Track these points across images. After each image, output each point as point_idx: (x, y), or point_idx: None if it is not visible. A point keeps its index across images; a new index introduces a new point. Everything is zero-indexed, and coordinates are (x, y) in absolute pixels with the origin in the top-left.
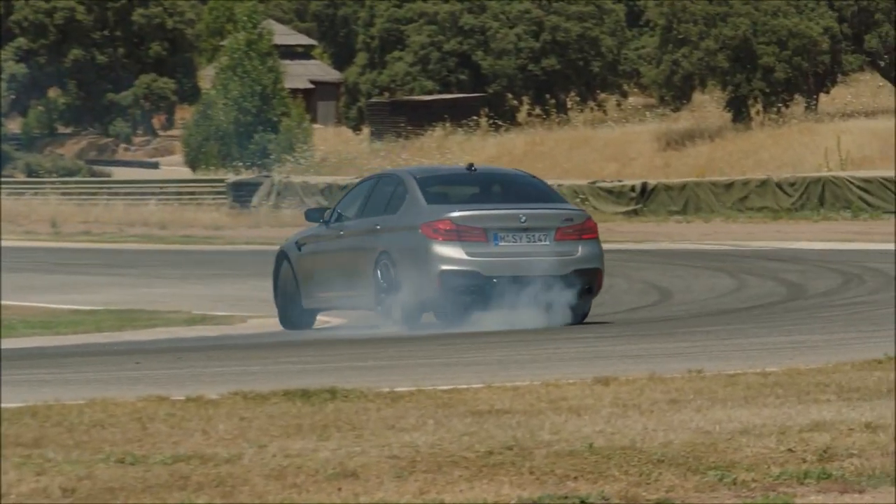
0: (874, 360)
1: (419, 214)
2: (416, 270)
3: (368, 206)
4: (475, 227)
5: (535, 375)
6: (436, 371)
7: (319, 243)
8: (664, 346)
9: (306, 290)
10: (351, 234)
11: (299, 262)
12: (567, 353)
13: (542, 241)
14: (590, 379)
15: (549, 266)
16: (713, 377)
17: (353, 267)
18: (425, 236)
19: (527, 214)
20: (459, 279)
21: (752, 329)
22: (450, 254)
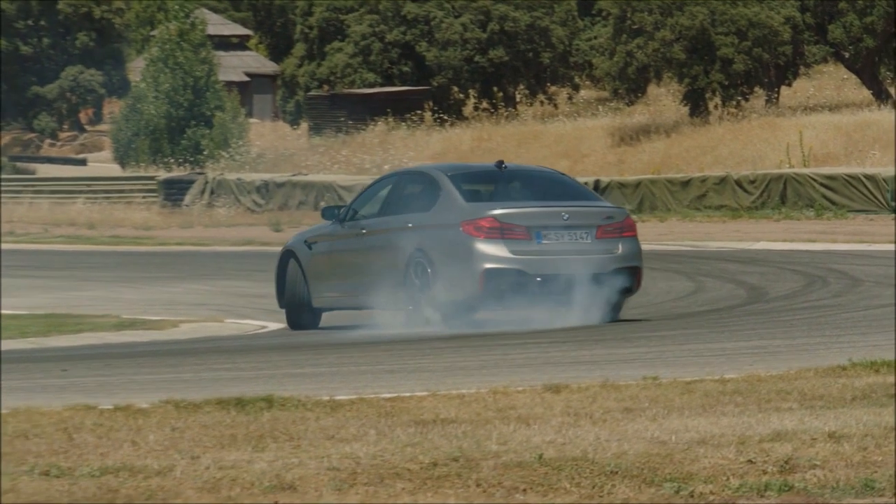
0: (838, 366)
1: (458, 212)
2: (457, 269)
3: (392, 204)
4: (518, 224)
5: (483, 382)
6: (378, 378)
7: (336, 242)
8: (618, 351)
9: (318, 290)
10: (376, 233)
11: (310, 262)
12: (516, 358)
13: (584, 239)
14: (540, 386)
15: (591, 264)
16: (669, 384)
17: (379, 265)
18: (467, 234)
19: (569, 212)
20: (503, 277)
21: (711, 334)
22: (493, 252)
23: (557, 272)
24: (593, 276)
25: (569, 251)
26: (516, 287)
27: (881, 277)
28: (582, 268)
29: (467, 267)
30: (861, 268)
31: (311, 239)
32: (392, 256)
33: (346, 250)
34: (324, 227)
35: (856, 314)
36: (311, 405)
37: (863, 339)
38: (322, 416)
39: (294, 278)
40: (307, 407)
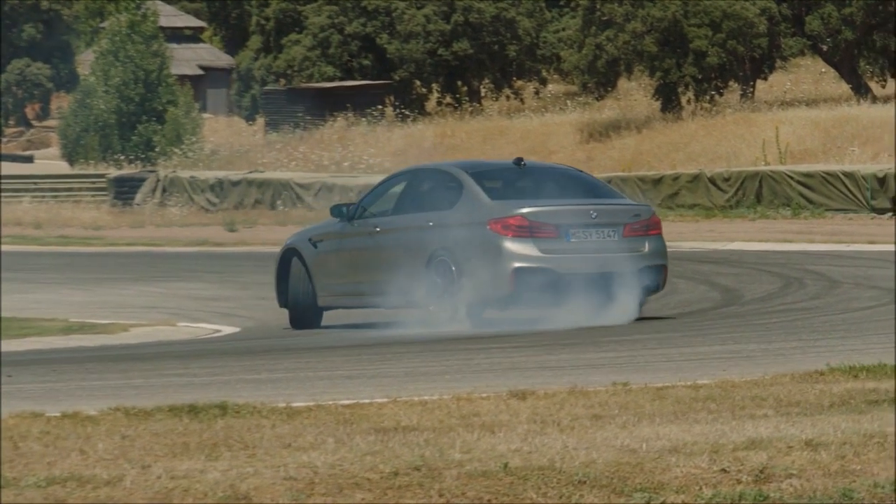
0: (816, 371)
1: (484, 210)
2: (485, 268)
3: (408, 201)
4: (547, 222)
5: (446, 388)
6: (336, 384)
7: (345, 240)
8: (586, 356)
9: (324, 289)
10: (391, 231)
11: (316, 260)
12: (480, 364)
13: (611, 237)
14: (505, 392)
15: (621, 262)
16: (640, 390)
17: (395, 264)
18: (495, 233)
19: (597, 210)
20: (533, 276)
21: (683, 338)
22: (522, 251)
23: (586, 271)
24: (621, 274)
25: (597, 249)
26: (546, 286)
27: (860, 279)
28: (610, 266)
29: (496, 266)
30: (839, 269)
31: (316, 237)
32: (410, 255)
33: (357, 249)
34: (329, 225)
35: (834, 317)
36: (267, 412)
37: (841, 343)
38: (278, 424)
39: (298, 277)
40: (263, 414)
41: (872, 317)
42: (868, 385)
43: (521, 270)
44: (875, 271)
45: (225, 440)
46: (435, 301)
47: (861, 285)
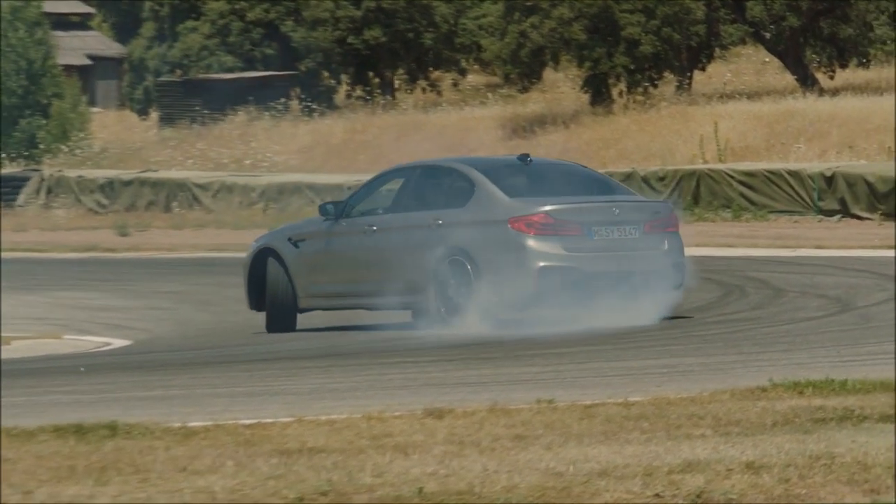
0: (758, 387)
1: (502, 208)
2: (507, 267)
3: (409, 199)
4: (571, 220)
5: (355, 407)
6: (236, 402)
7: (334, 240)
8: (508, 371)
9: (308, 290)
10: (391, 230)
11: (298, 261)
12: (393, 379)
13: (632, 235)
14: (420, 410)
15: (644, 260)
16: (567, 408)
17: (397, 264)
18: (518, 231)
19: (619, 206)
20: (558, 276)
21: (614, 351)
22: (547, 249)
23: (611, 269)
24: (644, 272)
25: (620, 247)
26: (571, 286)
27: (806, 287)
28: (634, 265)
29: (519, 265)
30: (784, 276)
31: (297, 236)
32: (416, 255)
33: (350, 248)
34: (312, 224)
35: (778, 329)
36: (161, 433)
37: (785, 356)
38: (173, 446)
39: (276, 278)
40: (156, 435)
41: (819, 328)
42: (814, 402)
43: (546, 270)
44: (823, 279)
45: (115, 463)
46: (446, 303)
47: (807, 294)
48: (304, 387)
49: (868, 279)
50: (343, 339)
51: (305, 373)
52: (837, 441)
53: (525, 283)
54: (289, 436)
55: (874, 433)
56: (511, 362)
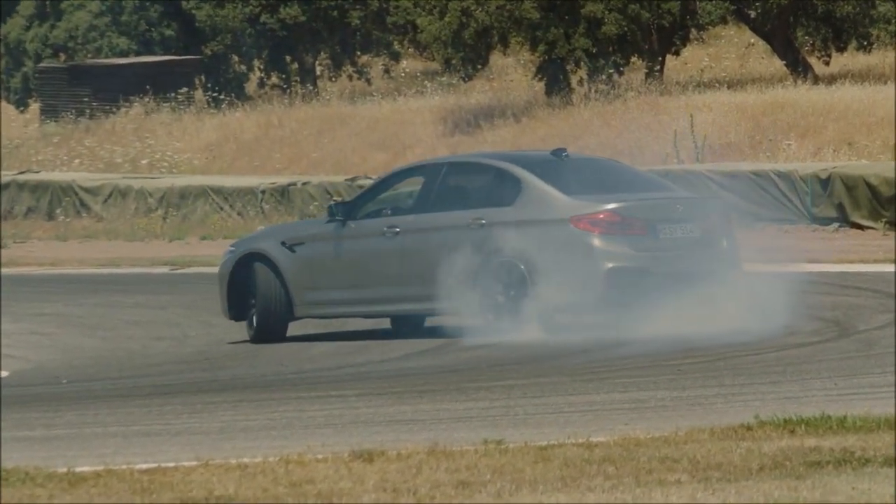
0: (742, 425)
1: (558, 206)
2: (571, 269)
3: (436, 199)
4: (637, 217)
5: (271, 448)
6: (131, 442)
7: (344, 243)
8: (450, 406)
9: (308, 297)
10: (418, 232)
11: (295, 266)
12: (315, 416)
13: (694, 234)
14: (346, 453)
15: (707, 261)
16: (518, 450)
17: (430, 268)
18: (582, 230)
19: (682, 203)
20: (628, 277)
21: (573, 383)
22: (615, 249)
23: (677, 270)
24: (709, 274)
25: (683, 247)
26: (640, 288)
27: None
28: (697, 266)
29: (585, 267)
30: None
31: (293, 240)
32: (452, 258)
33: (364, 252)
34: (311, 226)
35: (765, 356)
36: (43, 479)
37: (773, 389)
38: (57, 494)
39: (268, 285)
40: (37, 482)
41: (814, 355)
42: (808, 442)
43: (614, 271)
44: (817, 298)
45: None
46: (495, 309)
47: (800, 316)
48: (212, 425)
49: (870, 298)
50: (266, 368)
51: (213, 408)
52: (835, 488)
53: (592, 286)
54: (193, 482)
55: (877, 479)
56: (453, 396)
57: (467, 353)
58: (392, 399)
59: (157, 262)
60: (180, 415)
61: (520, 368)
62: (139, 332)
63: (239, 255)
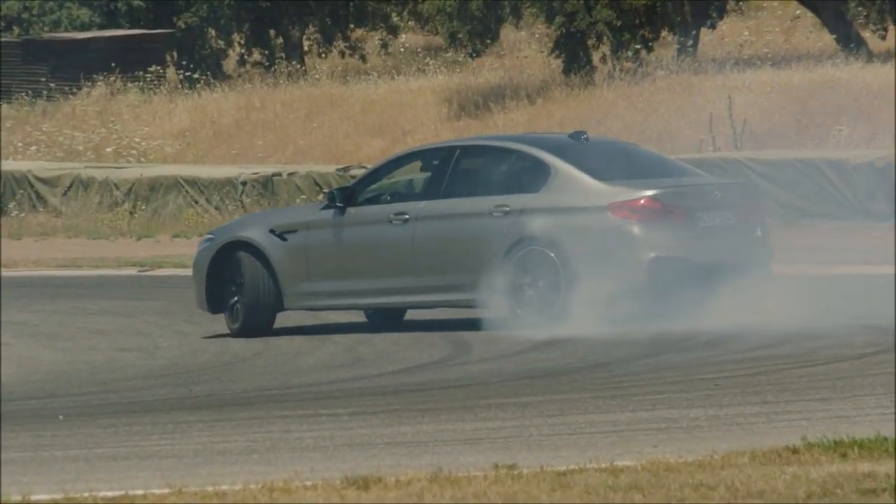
0: (787, 448)
1: (595, 192)
2: (608, 259)
3: (449, 184)
4: (678, 204)
5: (253, 474)
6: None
7: (344, 230)
8: (455, 426)
9: (297, 288)
10: (431, 219)
11: (287, 255)
12: (303, 437)
13: (731, 221)
14: (339, 479)
15: (747, 250)
16: (533, 476)
17: (446, 257)
18: (622, 218)
19: (719, 189)
20: (671, 267)
21: (594, 400)
22: (658, 237)
23: (717, 260)
24: (748, 263)
25: (722, 235)
26: (683, 278)
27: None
28: (735, 254)
29: (626, 256)
30: None
31: (283, 227)
32: (472, 246)
33: (368, 240)
34: (302, 213)
35: (813, 370)
36: None
37: (822, 407)
38: None
39: (255, 275)
40: None
41: (868, 368)
42: (861, 468)
43: (657, 260)
44: (874, 303)
45: None
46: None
47: (851, 325)
48: (186, 447)
49: None
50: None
51: (186, 428)
52: None
53: (633, 276)
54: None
55: None
56: (459, 415)
57: (474, 367)
58: (390, 418)
59: (123, 262)
60: (150, 436)
61: (534, 383)
62: (103, 343)
63: (220, 244)
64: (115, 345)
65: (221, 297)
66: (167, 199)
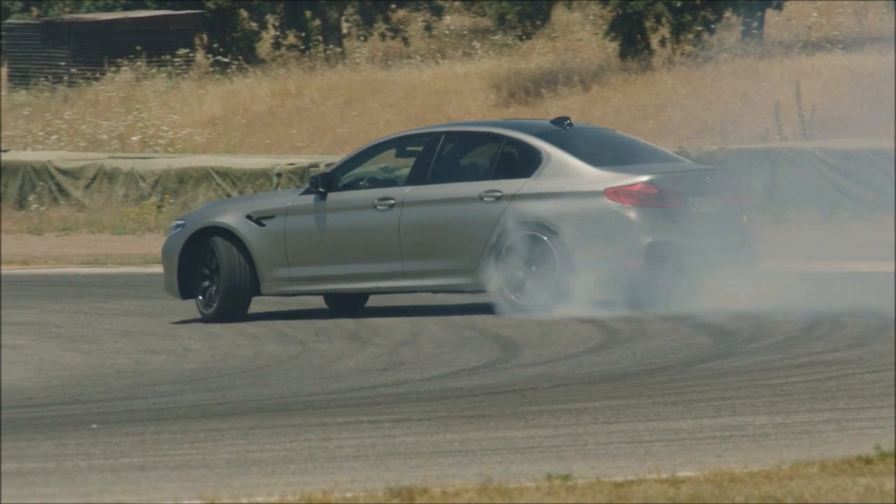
0: (859, 457)
1: (589, 178)
2: (604, 244)
3: (436, 170)
4: (672, 189)
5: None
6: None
7: (327, 216)
8: (506, 434)
9: (275, 273)
10: (417, 204)
11: (264, 240)
12: (342, 446)
13: (720, 207)
14: (381, 491)
15: (737, 235)
16: (589, 487)
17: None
18: (618, 203)
19: (709, 175)
20: (667, 252)
21: (654, 406)
22: (653, 223)
23: (709, 245)
24: (738, 248)
25: (712, 220)
26: (679, 263)
27: None
28: (724, 240)
29: (621, 241)
30: None
31: (260, 213)
32: (464, 231)
33: (351, 226)
34: (280, 198)
35: (886, 374)
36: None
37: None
38: None
39: (232, 261)
40: None
41: None
42: None
43: (654, 246)
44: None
45: None
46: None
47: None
48: (218, 456)
49: None
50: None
51: (219, 437)
52: None
53: (629, 262)
54: None
55: None
56: (509, 422)
57: (525, 371)
58: (435, 426)
59: (150, 260)
60: (180, 444)
61: (589, 388)
62: (130, 345)
63: (193, 230)
64: (142, 347)
65: (192, 284)
66: (197, 192)
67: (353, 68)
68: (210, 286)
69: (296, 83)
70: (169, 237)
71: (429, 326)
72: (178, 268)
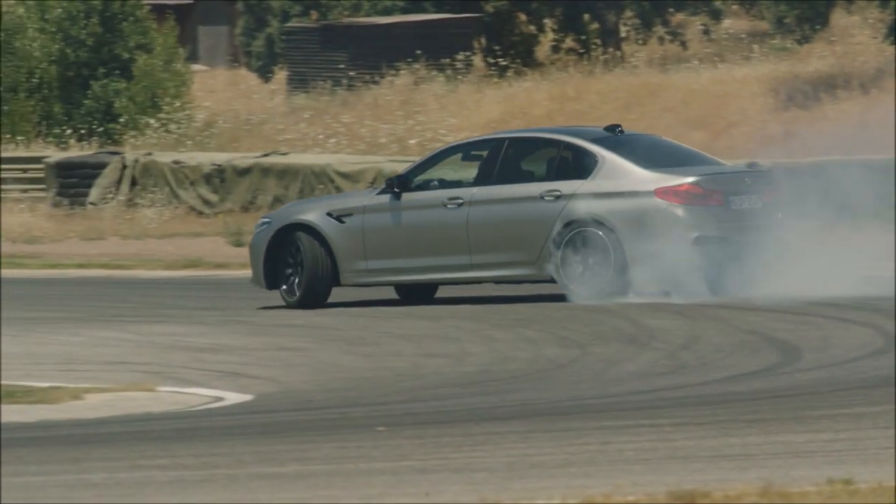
0: None
1: (640, 178)
2: (655, 239)
3: (500, 172)
4: (716, 189)
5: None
6: (401, 480)
7: (402, 214)
8: (786, 438)
9: (354, 266)
10: (483, 203)
11: (344, 235)
12: (622, 449)
13: (757, 205)
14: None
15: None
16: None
17: (501, 238)
18: (667, 202)
19: (749, 175)
20: (713, 246)
21: None
22: (699, 219)
23: (749, 240)
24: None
25: (750, 217)
26: (724, 256)
27: None
28: (770, 236)
29: (672, 236)
30: None
31: (339, 211)
32: (525, 228)
33: (424, 223)
34: (357, 197)
35: None
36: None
37: None
38: None
39: (314, 255)
40: None
41: None
42: None
43: (701, 240)
44: None
45: None
46: (574, 277)
47: None
48: (498, 459)
49: None
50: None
51: (499, 440)
52: None
53: (679, 254)
54: None
55: None
56: (789, 426)
57: (805, 375)
58: (715, 430)
59: None
60: (460, 447)
61: (870, 392)
62: (409, 348)
63: (278, 227)
64: (421, 350)
65: (277, 275)
66: None
67: (632, 72)
68: (293, 277)
69: (574, 86)
70: (256, 233)
71: (706, 330)
72: (265, 261)
